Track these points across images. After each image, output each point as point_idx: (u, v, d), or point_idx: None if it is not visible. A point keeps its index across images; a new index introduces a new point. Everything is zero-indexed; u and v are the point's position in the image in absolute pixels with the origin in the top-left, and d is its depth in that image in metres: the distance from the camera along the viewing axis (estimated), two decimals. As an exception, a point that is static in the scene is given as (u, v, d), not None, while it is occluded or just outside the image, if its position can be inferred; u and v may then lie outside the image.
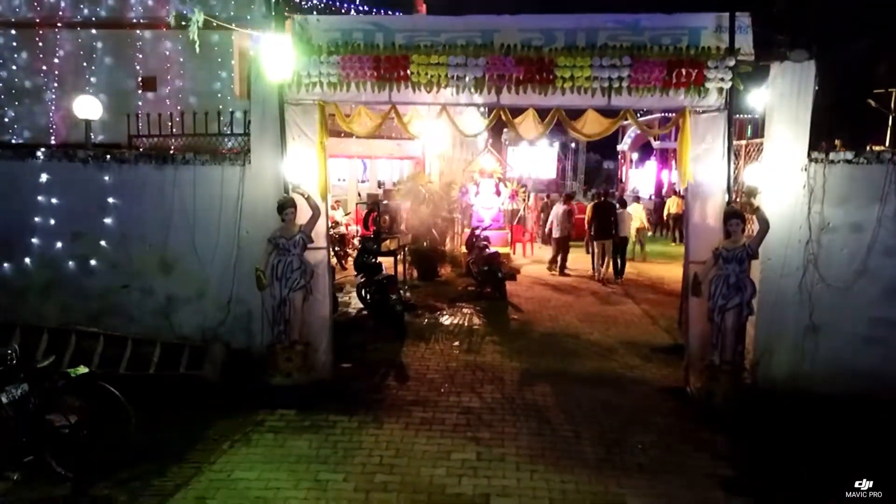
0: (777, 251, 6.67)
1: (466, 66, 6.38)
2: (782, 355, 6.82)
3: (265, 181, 7.01)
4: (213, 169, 7.21)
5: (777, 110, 6.57)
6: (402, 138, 16.75)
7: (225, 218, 7.22)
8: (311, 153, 6.82)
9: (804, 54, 6.39)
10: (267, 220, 6.87)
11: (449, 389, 7.15)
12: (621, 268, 14.23)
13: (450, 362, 8.09)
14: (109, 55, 13.85)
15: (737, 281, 6.30)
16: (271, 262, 6.69)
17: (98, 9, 13.61)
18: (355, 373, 7.61)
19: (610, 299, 12.29)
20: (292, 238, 6.65)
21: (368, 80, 6.55)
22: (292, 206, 6.65)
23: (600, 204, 14.02)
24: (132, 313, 7.44)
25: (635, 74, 6.28)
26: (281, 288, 6.66)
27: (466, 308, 11.11)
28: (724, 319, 6.33)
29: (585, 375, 7.72)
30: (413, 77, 6.46)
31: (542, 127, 6.80)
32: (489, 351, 8.65)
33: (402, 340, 8.96)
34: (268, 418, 6.29)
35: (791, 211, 6.65)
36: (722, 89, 6.33)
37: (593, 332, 9.71)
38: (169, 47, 13.70)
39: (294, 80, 6.58)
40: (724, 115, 6.46)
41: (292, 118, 6.79)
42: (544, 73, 6.36)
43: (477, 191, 15.20)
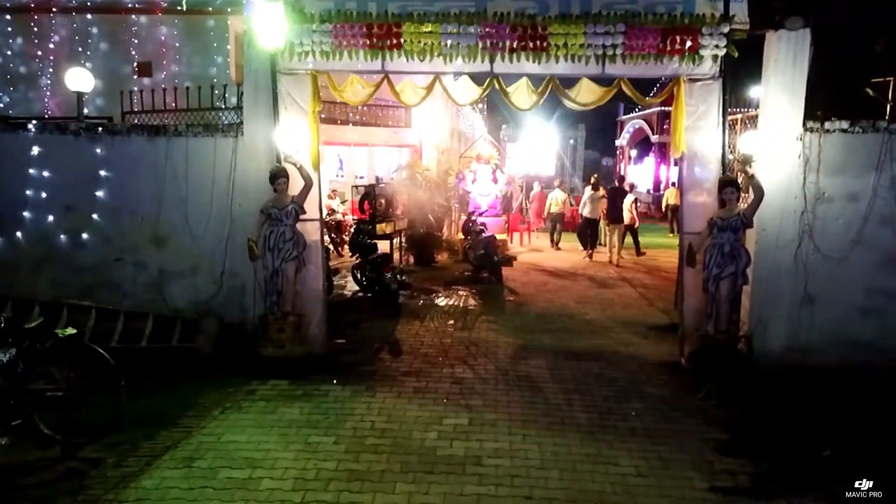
0: (772, 222, 6.63)
1: (459, 33, 6.34)
2: (778, 326, 6.78)
3: (258, 153, 6.96)
4: (206, 141, 7.17)
5: (772, 79, 6.53)
6: (399, 126, 16.80)
7: (218, 190, 7.17)
8: (303, 123, 6.77)
9: (799, 22, 6.35)
10: (260, 192, 6.82)
11: (442, 362, 7.11)
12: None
13: (444, 338, 8.06)
14: (105, 40, 13.77)
15: (731, 250, 6.26)
16: (263, 233, 6.65)
17: (93, -7, 13.55)
18: (349, 347, 7.58)
19: (607, 283, 12.27)
20: (284, 208, 6.61)
21: (361, 49, 6.50)
22: (284, 175, 6.61)
23: (615, 190, 15.40)
24: (125, 287, 7.39)
25: (629, 42, 6.24)
26: (273, 258, 6.62)
27: (462, 290, 11.08)
28: (719, 288, 6.30)
29: (580, 351, 7.68)
30: (406, 45, 6.42)
31: (535, 96, 6.75)
32: (483, 329, 8.61)
33: (397, 319, 8.92)
34: (260, 388, 6.25)
35: (786, 181, 6.61)
36: (717, 56, 6.30)
37: (589, 313, 9.67)
38: (164, 32, 13.63)
39: (286, 49, 6.53)
40: (718, 82, 6.43)
41: (285, 88, 6.74)
42: (538, 41, 6.32)
43: (474, 178, 15.14)
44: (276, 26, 6.34)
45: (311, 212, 6.89)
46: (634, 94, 6.55)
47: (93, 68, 13.63)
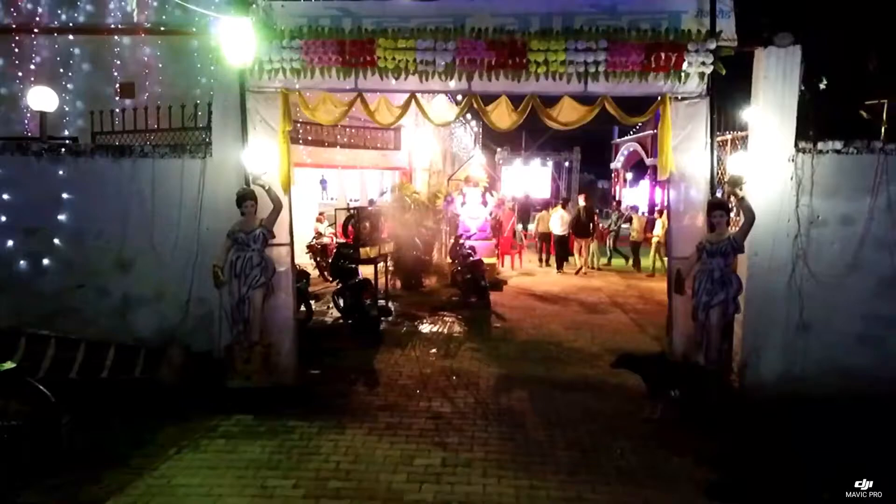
0: (764, 246, 6.33)
1: (435, 50, 6.08)
2: (771, 355, 6.45)
3: (227, 174, 6.67)
4: (173, 162, 6.88)
5: (762, 98, 6.27)
6: (388, 148, 16.54)
7: (185, 213, 6.87)
8: (273, 144, 6.49)
9: (788, 38, 6.11)
10: (229, 215, 6.50)
11: (420, 395, 6.74)
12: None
13: (424, 368, 7.69)
14: (87, 61, 13.56)
15: (722, 276, 5.95)
16: (230, 259, 6.33)
17: (76, 14, 13.36)
18: (323, 378, 7.21)
19: (598, 308, 11.92)
20: (252, 232, 6.29)
21: (333, 66, 6.25)
22: (252, 198, 6.30)
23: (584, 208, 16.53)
24: (87, 314, 7.03)
25: (612, 58, 5.98)
26: (240, 285, 6.29)
27: (448, 316, 10.72)
28: (709, 317, 5.96)
29: (566, 381, 7.32)
30: (380, 62, 6.16)
31: (515, 115, 6.47)
32: (467, 357, 8.25)
33: (378, 347, 8.56)
34: (222, 423, 5.87)
35: (778, 203, 6.32)
36: (703, 74, 6.04)
37: (577, 340, 9.32)
38: (147, 53, 13.43)
39: (255, 66, 6.27)
40: (705, 101, 6.16)
41: (254, 107, 6.47)
42: (517, 58, 6.06)
43: (463, 200, 14.87)
44: (244, 43, 6.08)
45: (282, 236, 6.58)
46: (618, 113, 6.28)
47: (74, 89, 13.57)
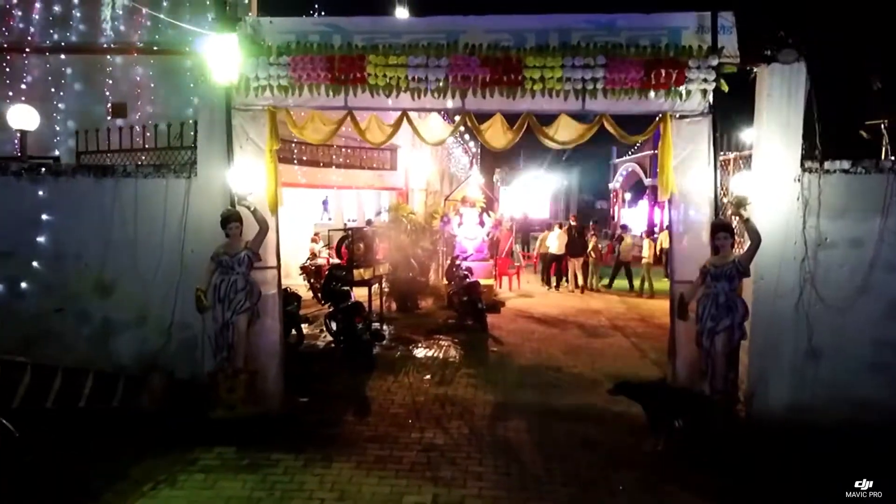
0: (770, 269, 6.08)
1: (427, 66, 5.88)
2: (779, 383, 6.18)
3: (213, 195, 6.44)
4: (157, 182, 6.65)
5: (766, 116, 6.06)
6: (384, 168, 16.37)
7: (169, 235, 6.62)
8: (259, 163, 6.27)
9: (793, 54, 5.92)
10: (214, 236, 6.27)
11: (412, 424, 6.44)
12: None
13: (418, 396, 7.40)
14: (79, 81, 13.41)
15: (726, 300, 5.69)
16: (213, 282, 6.07)
17: (68, 33, 13.23)
18: (311, 406, 6.91)
19: (598, 332, 11.62)
20: (237, 255, 6.04)
21: (322, 84, 6.05)
22: (237, 219, 6.07)
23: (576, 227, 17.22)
24: (66, 340, 6.74)
25: (611, 75, 5.79)
26: (224, 310, 6.03)
27: (444, 340, 10.42)
28: (714, 343, 5.70)
29: (565, 409, 7.02)
30: (370, 79, 5.96)
31: (510, 134, 6.26)
32: (462, 384, 7.95)
33: (370, 372, 8.26)
34: (203, 456, 5.57)
35: (784, 225, 6.09)
36: (705, 92, 5.84)
37: (577, 365, 9.02)
38: (140, 73, 13.28)
39: (241, 83, 6.07)
40: (708, 119, 5.96)
41: (240, 125, 6.26)
42: (512, 75, 5.86)
43: (460, 221, 14.64)
44: (230, 59, 5.88)
45: (268, 259, 6.35)
46: (617, 132, 6.07)
47: (66, 109, 13.40)
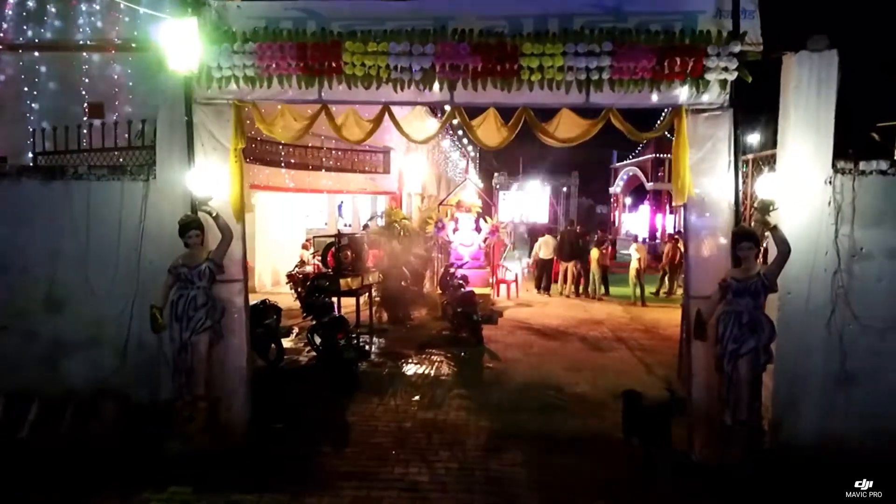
0: (798, 283, 5.39)
1: (411, 55, 5.20)
2: (808, 412, 5.48)
3: (173, 199, 5.76)
4: (111, 185, 5.97)
5: (793, 110, 5.38)
6: (377, 172, 15.71)
7: (125, 244, 5.95)
8: (223, 163, 5.58)
9: (824, 41, 5.24)
10: (175, 246, 5.58)
11: (396, 457, 5.74)
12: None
13: (404, 421, 6.69)
14: (54, 80, 12.75)
15: (751, 319, 5.01)
16: (171, 298, 5.39)
17: (43, 30, 12.58)
18: (284, 435, 6.20)
19: (601, 345, 10.92)
20: (197, 267, 5.36)
21: (293, 74, 5.37)
22: (197, 227, 5.39)
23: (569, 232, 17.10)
24: (10, 362, 6.06)
25: (619, 64, 5.10)
26: (181, 330, 5.34)
27: (436, 355, 9.72)
28: (737, 368, 5.01)
29: (567, 437, 6.34)
30: (347, 69, 5.27)
31: (505, 130, 5.58)
32: (454, 406, 7.25)
33: (354, 394, 7.56)
34: (153, 498, 4.87)
35: (814, 233, 5.40)
36: (726, 82, 5.16)
37: (580, 383, 8.33)
38: (118, 71, 12.61)
39: (203, 74, 5.40)
40: (728, 113, 5.27)
41: (202, 121, 5.58)
42: (507, 64, 5.18)
43: (455, 227, 13.97)
44: (189, 46, 5.21)
45: (234, 271, 5.65)
46: (626, 128, 5.38)
47: (40, 109, 12.73)
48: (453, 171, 26.97)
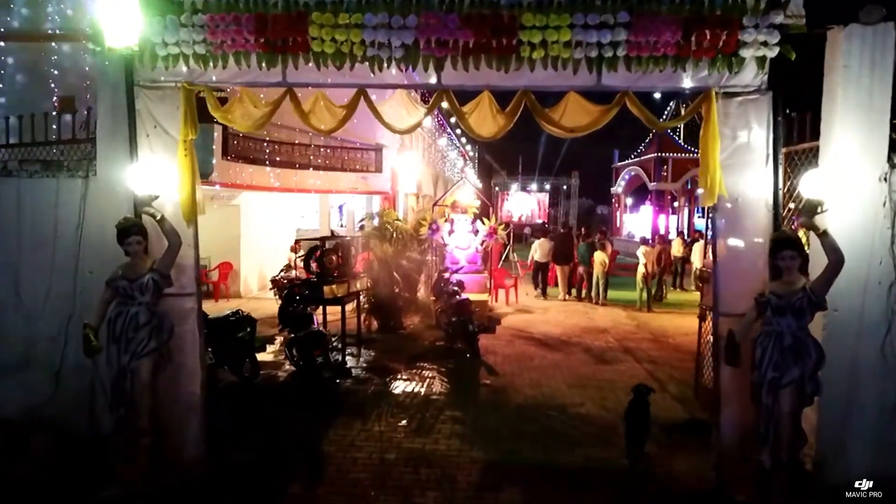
0: (848, 299, 4.58)
1: (391, 27, 4.38)
2: (858, 448, 4.68)
3: (117, 199, 4.93)
4: (46, 183, 5.18)
5: (840, 95, 4.56)
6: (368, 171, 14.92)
7: (61, 252, 5.15)
8: (171, 157, 4.76)
9: (879, 12, 4.43)
10: (119, 254, 4.77)
11: (375, 499, 4.94)
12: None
13: (388, 452, 5.88)
14: (22, 72, 11.95)
15: (795, 342, 4.21)
16: (109, 315, 4.57)
17: (9, 18, 11.77)
18: (248, 469, 5.38)
19: (606, 356, 10.10)
20: (138, 280, 4.54)
21: (252, 52, 4.56)
22: (138, 232, 4.58)
23: (564, 235, 17.06)
24: (-70, 387, 5.26)
25: (636, 38, 4.29)
26: (119, 353, 4.52)
27: (428, 369, 8.90)
28: (779, 401, 4.21)
29: (572, 469, 5.55)
30: (315, 45, 4.46)
31: (502, 118, 4.75)
32: (445, 432, 6.44)
33: (334, 416, 6.75)
34: (79, 557, 4.07)
35: (866, 240, 4.59)
36: (764, 60, 4.35)
37: (585, 403, 7.52)
38: (91, 63, 11.78)
39: (146, 52, 4.58)
40: (767, 97, 4.46)
41: (146, 107, 4.76)
42: (504, 39, 4.37)
43: (451, 229, 13.14)
44: (128, 18, 4.39)
45: (185, 283, 4.84)
46: (644, 115, 4.57)
47: (7, 103, 11.92)
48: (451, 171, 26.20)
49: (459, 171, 23.67)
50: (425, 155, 16.99)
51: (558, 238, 16.64)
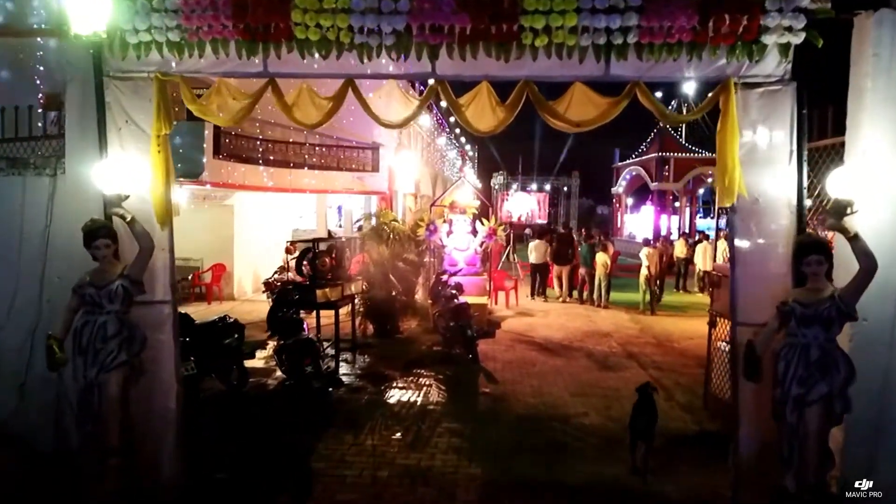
0: (878, 307, 4.21)
1: (381, 12, 4.02)
2: (890, 471, 4.30)
3: (87, 199, 4.57)
4: (10, 181, 4.84)
5: (870, 87, 4.20)
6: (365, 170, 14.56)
7: (27, 255, 4.79)
8: (143, 154, 4.40)
9: (913, -5, 4.08)
10: (89, 258, 4.40)
11: (364, 523, 4.59)
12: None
13: (380, 469, 5.52)
14: (6, 67, 11.58)
15: (822, 356, 3.85)
16: (75, 325, 4.21)
17: (-9, 12, 11.42)
18: (228, 490, 5.03)
19: (609, 362, 9.75)
20: (106, 287, 4.18)
21: (230, 39, 4.20)
22: (106, 235, 4.21)
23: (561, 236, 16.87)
24: None
25: (649, 23, 3.94)
26: (86, 366, 4.15)
27: (425, 376, 8.56)
28: (805, 420, 3.85)
29: (577, 488, 5.19)
30: (298, 32, 4.10)
31: (501, 111, 4.38)
32: (442, 446, 6.08)
33: (324, 429, 6.39)
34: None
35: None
36: (788, 47, 3.99)
37: (589, 413, 7.16)
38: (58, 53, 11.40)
39: (116, 39, 4.23)
40: (790, 88, 4.10)
41: (116, 99, 4.41)
42: (504, 24, 4.01)
43: (449, 230, 12.79)
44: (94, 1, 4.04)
45: (157, 290, 4.48)
46: (657, 108, 4.21)
47: (-9, 99, 11.55)
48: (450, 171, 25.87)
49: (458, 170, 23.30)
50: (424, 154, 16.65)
51: (556, 239, 16.40)
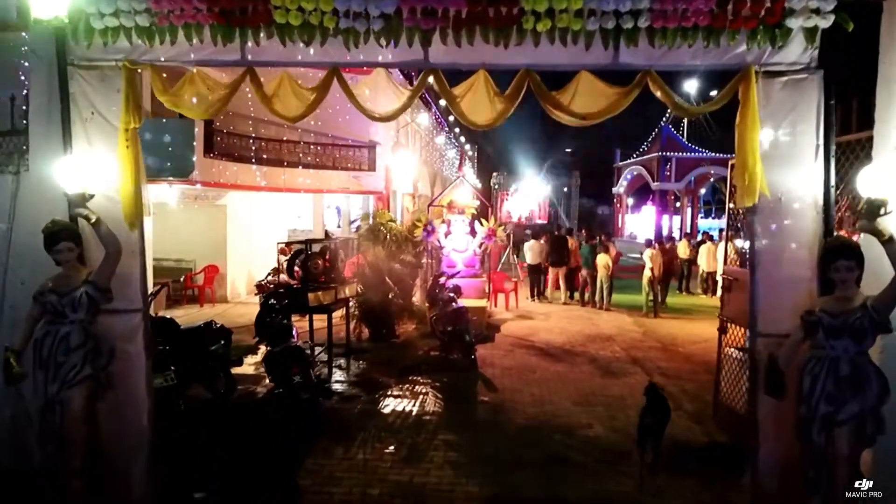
0: (909, 316, 3.87)
1: (368, -6, 3.68)
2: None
3: (53, 198, 4.21)
4: (-30, 180, 4.46)
5: (900, 75, 3.87)
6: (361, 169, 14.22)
7: (-11, 259, 4.43)
8: (111, 149, 4.06)
9: (950, -25, 3.73)
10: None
11: (352, 549, 4.24)
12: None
13: (371, 486, 5.18)
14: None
15: (853, 371, 3.50)
16: (36, 336, 3.86)
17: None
18: (207, 509, 4.70)
19: (613, 368, 9.40)
20: (70, 294, 3.83)
21: (205, 24, 3.85)
22: (69, 238, 3.87)
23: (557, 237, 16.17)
24: None
25: (662, 6, 3.60)
26: (47, 381, 3.81)
27: (421, 384, 8.21)
28: (834, 441, 3.50)
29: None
30: (278, 16, 3.76)
31: (500, 102, 4.03)
32: (438, 461, 5.73)
33: (313, 441, 6.05)
34: None
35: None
36: (814, 31, 3.64)
37: (593, 424, 6.82)
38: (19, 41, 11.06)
39: (80, 24, 3.88)
40: (817, 77, 3.76)
41: (82, 90, 4.06)
42: (503, 7, 3.67)
43: (447, 230, 12.45)
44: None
45: (128, 297, 4.13)
46: (669, 99, 3.86)
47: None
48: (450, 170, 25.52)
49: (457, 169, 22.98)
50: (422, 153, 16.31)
51: (549, 241, 16.13)
